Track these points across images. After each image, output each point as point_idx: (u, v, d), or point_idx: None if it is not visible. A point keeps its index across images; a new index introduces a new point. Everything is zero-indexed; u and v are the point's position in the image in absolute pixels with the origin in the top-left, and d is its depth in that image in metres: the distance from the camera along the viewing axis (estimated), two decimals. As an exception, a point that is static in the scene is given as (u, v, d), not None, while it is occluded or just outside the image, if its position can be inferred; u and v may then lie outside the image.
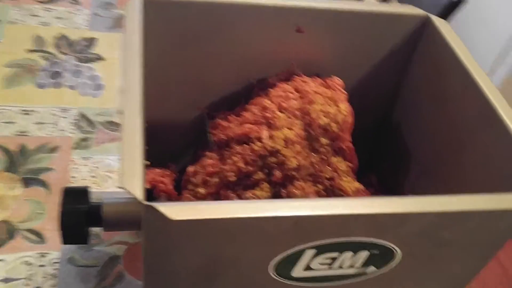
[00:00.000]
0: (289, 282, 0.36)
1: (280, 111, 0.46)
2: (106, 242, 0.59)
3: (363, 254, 0.35)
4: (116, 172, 0.66)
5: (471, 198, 0.32)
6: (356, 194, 0.48)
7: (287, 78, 0.49)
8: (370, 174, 0.57)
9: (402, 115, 0.53)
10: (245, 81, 0.51)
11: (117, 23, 0.88)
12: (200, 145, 0.53)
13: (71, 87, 0.76)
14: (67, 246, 0.58)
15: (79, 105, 0.73)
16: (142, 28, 0.40)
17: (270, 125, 0.45)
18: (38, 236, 0.58)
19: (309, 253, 0.34)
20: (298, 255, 0.34)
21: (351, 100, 0.48)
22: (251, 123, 0.46)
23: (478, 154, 0.42)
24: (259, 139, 0.45)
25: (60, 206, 0.44)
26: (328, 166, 0.47)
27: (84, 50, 0.82)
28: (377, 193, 0.55)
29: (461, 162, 0.43)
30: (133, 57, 0.36)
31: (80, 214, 0.43)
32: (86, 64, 0.80)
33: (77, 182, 0.64)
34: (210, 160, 0.49)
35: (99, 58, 0.81)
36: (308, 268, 0.35)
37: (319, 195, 0.47)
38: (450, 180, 0.45)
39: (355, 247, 0.34)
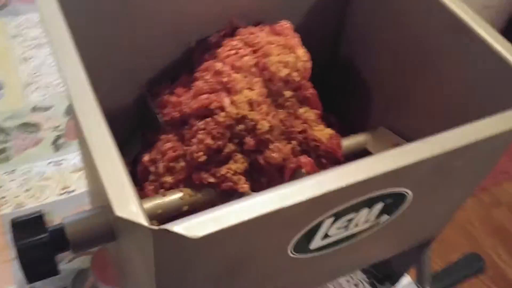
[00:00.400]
0: (305, 256, 0.33)
1: (236, 72, 0.41)
2: (67, 258, 0.53)
3: (378, 206, 0.32)
4: (52, 179, 0.58)
5: (474, 127, 0.30)
6: (330, 140, 0.46)
7: (231, 33, 0.44)
8: (328, 114, 0.55)
9: (354, 48, 0.50)
10: (183, 45, 0.45)
11: (-4, 8, 0.76)
12: (147, 129, 0.47)
13: (-36, 94, 0.65)
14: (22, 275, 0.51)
15: (-19, 113, 0.63)
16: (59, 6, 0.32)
17: (229, 90, 0.40)
18: (-16, 275, 0.50)
19: (328, 222, 0.31)
20: (316, 228, 0.31)
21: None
22: (207, 93, 0.41)
23: (452, 74, 0.40)
24: (221, 108, 0.40)
25: (14, 243, 0.37)
26: (297, 119, 0.44)
27: (-36, 48, 0.70)
28: (340, 132, 0.53)
29: (433, 86, 0.42)
30: (66, 46, 0.29)
31: (41, 246, 0.37)
32: (-26, 64, 0.68)
33: (10, 202, 0.56)
34: (168, 144, 0.43)
35: (-14, 53, 0.69)
36: (325, 236, 0.32)
37: (294, 151, 0.44)
38: (424, 107, 0.43)
39: (371, 202, 0.31)
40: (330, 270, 0.40)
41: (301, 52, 0.42)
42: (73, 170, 0.59)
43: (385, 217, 0.35)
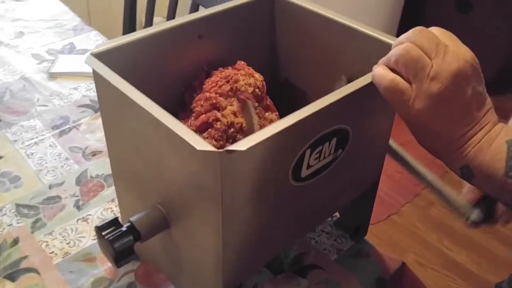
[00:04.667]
0: (300, 184, 0.52)
1: (219, 96, 0.61)
2: (115, 279, 0.67)
3: (334, 141, 0.53)
4: (85, 231, 0.73)
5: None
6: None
7: (206, 76, 0.64)
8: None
9: (285, 66, 0.72)
10: (176, 90, 0.65)
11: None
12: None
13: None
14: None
15: (10, 199, 0.77)
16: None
17: (218, 108, 0.60)
18: (59, 304, 0.63)
19: (307, 153, 0.50)
20: (302, 158, 0.50)
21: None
22: (204, 113, 0.60)
23: (350, 59, 0.63)
24: (217, 120, 0.59)
25: (103, 239, 0.52)
26: (265, 120, 0.64)
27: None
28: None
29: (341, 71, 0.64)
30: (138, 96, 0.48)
31: (125, 235, 0.53)
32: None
33: (58, 253, 0.69)
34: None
35: (-2, 156, 0.84)
36: (308, 166, 0.52)
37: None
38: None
39: (329, 137, 0.51)
40: (317, 201, 0.59)
41: (257, 75, 0.63)
42: (99, 222, 0.74)
43: (340, 151, 0.55)
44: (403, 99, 0.48)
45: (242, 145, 0.42)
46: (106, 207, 0.77)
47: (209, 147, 0.41)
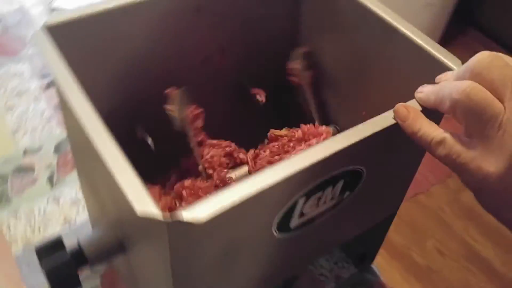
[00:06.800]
0: (288, 235, 0.40)
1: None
2: (77, 280, 0.58)
3: (340, 184, 0.40)
4: (53, 214, 0.64)
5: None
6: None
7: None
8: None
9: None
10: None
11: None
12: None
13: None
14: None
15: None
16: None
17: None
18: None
19: (301, 201, 0.38)
20: (293, 207, 0.38)
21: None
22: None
23: (385, 70, 0.48)
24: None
25: (42, 267, 0.43)
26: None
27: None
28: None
29: (374, 80, 0.50)
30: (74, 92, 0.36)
31: (65, 266, 0.43)
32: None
33: (20, 239, 0.61)
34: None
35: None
36: (301, 214, 0.39)
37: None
38: (368, 100, 0.51)
39: (334, 180, 0.39)
40: (310, 250, 0.47)
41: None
42: (71, 204, 0.65)
43: (347, 193, 0.42)
44: (460, 162, 0.34)
45: (200, 212, 0.30)
46: (82, 186, 0.67)
47: (153, 211, 0.30)
